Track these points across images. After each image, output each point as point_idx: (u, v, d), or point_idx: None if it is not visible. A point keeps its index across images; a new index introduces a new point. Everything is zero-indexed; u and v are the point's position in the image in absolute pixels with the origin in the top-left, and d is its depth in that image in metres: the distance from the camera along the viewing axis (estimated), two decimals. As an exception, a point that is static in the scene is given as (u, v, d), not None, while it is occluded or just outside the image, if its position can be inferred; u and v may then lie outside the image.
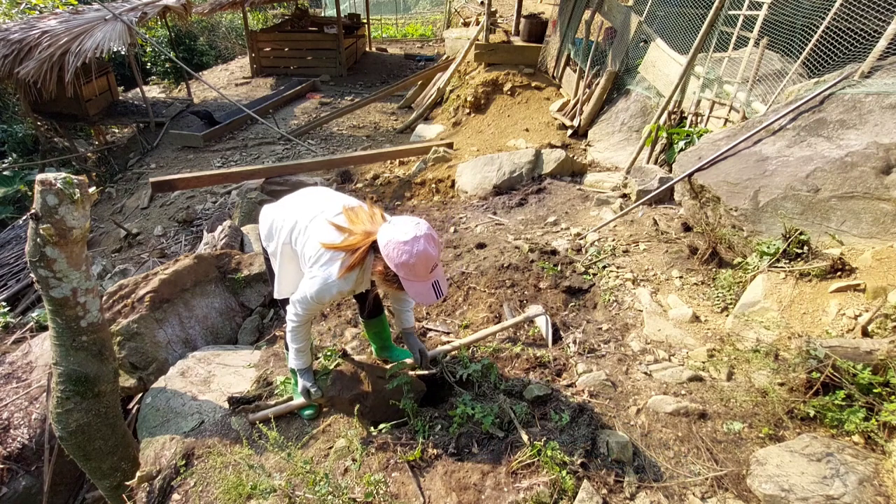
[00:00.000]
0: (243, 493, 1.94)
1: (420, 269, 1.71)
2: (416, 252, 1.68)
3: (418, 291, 1.77)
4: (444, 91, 9.06)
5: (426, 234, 1.73)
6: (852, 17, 3.39)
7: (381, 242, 1.75)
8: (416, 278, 1.74)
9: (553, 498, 1.84)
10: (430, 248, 1.71)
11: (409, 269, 1.71)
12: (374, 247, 1.81)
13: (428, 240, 1.72)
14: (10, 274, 6.18)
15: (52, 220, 2.20)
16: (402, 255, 1.69)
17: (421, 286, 1.76)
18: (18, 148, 9.73)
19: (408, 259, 1.69)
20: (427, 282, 1.76)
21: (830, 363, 2.04)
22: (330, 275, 1.86)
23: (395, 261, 1.71)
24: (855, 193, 2.87)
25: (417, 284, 1.76)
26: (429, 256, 1.70)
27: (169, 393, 2.80)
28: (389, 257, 1.72)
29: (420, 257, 1.69)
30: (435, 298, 1.78)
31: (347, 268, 1.83)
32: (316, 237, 1.93)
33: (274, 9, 18.00)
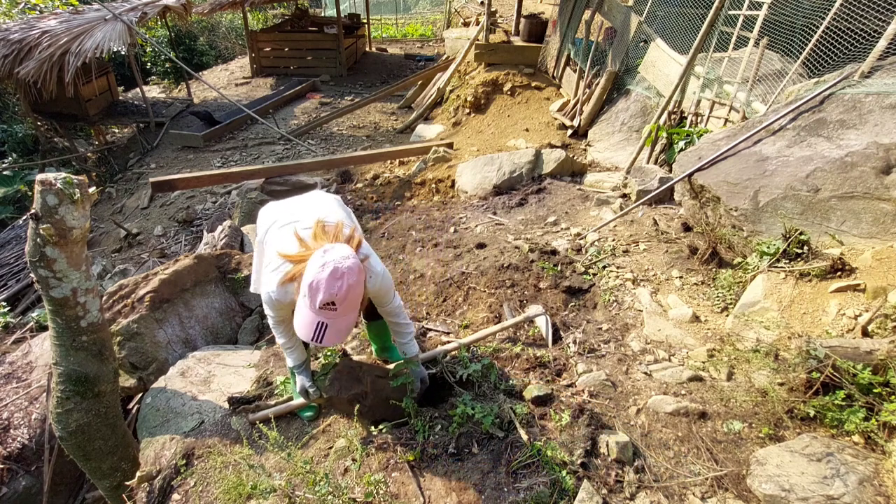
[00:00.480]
0: (243, 493, 1.94)
1: (312, 294, 1.59)
2: (316, 278, 1.58)
3: (301, 320, 1.65)
4: (444, 91, 9.06)
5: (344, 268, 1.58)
6: (852, 17, 3.39)
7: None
8: (306, 305, 1.62)
9: (553, 498, 1.84)
10: (330, 281, 1.57)
11: (307, 288, 1.60)
12: None
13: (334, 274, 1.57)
14: (10, 274, 6.18)
15: (52, 220, 2.20)
16: (311, 273, 1.59)
17: (306, 316, 1.64)
18: (18, 148, 9.73)
19: (312, 279, 1.58)
20: (314, 316, 1.62)
21: (830, 363, 2.05)
22: (270, 283, 1.88)
23: (306, 277, 1.61)
24: (855, 193, 2.87)
25: (304, 311, 1.64)
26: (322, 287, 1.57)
27: (169, 393, 2.80)
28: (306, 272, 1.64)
29: (315, 283, 1.58)
30: (308, 336, 1.63)
31: (288, 278, 1.77)
32: (276, 244, 1.93)
33: (274, 9, 18.00)
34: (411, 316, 3.27)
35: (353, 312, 1.68)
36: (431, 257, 3.85)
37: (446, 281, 3.47)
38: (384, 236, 4.67)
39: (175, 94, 12.63)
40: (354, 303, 1.65)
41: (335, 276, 1.58)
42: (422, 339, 2.97)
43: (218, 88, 11.00)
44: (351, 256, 1.64)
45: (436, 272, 3.60)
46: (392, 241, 4.49)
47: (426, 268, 3.69)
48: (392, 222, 4.97)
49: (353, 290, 1.60)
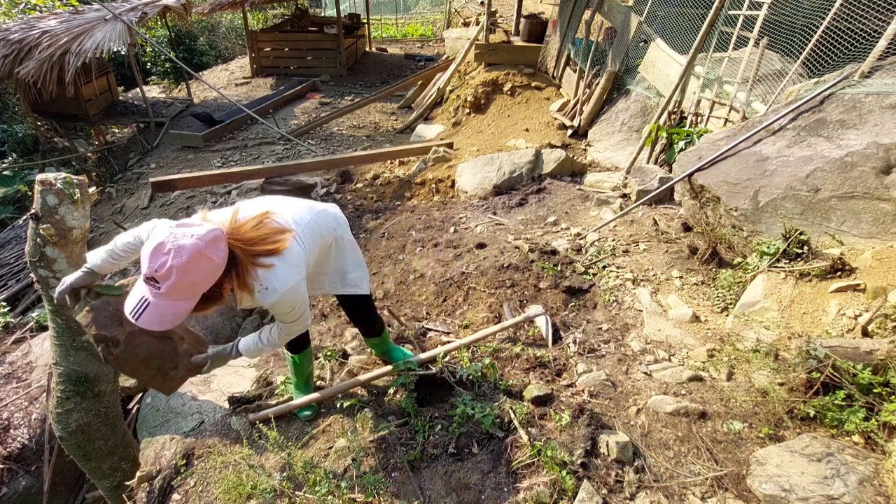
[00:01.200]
0: (243, 493, 1.94)
1: (142, 259, 1.43)
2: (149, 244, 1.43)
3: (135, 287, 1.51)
4: (444, 91, 9.06)
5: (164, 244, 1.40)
6: (852, 17, 3.39)
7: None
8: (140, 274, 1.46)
9: (553, 498, 1.84)
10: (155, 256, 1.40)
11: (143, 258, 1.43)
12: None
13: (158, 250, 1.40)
14: (10, 274, 6.18)
15: (52, 220, 2.20)
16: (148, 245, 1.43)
17: (138, 284, 1.49)
18: (18, 148, 9.72)
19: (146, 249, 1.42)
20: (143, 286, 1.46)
21: (830, 363, 2.04)
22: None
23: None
24: (855, 193, 2.87)
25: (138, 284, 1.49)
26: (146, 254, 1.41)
27: (169, 393, 2.80)
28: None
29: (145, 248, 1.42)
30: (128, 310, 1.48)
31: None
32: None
33: (274, 9, 18.00)
34: (411, 316, 3.27)
35: (185, 300, 1.49)
36: (431, 257, 3.85)
37: (446, 281, 3.47)
38: (384, 236, 4.67)
39: (175, 94, 12.62)
40: (185, 292, 1.46)
41: (159, 250, 1.40)
42: (422, 338, 2.97)
43: (218, 88, 11.00)
44: (198, 237, 1.43)
45: (436, 272, 3.60)
46: (392, 241, 4.49)
47: (426, 268, 3.69)
48: (392, 222, 4.97)
49: (178, 272, 1.40)
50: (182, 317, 1.51)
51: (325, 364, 2.75)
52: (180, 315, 1.50)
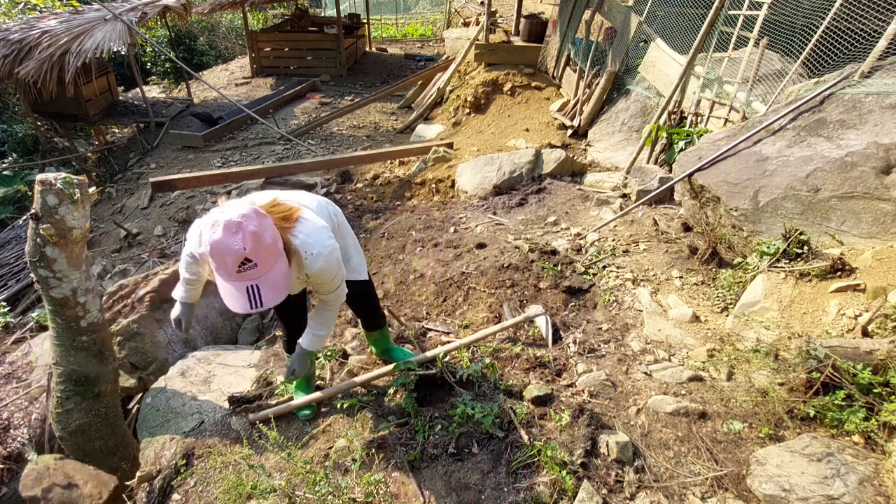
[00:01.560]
0: (243, 493, 1.94)
1: (217, 262, 1.42)
2: (212, 241, 1.40)
3: (225, 291, 1.49)
4: (444, 91, 9.06)
5: (230, 221, 1.40)
6: (852, 17, 3.39)
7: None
8: (223, 278, 1.47)
9: (553, 498, 1.84)
10: (228, 238, 1.38)
11: (213, 261, 1.44)
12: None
13: (231, 228, 1.39)
14: (10, 274, 6.18)
15: (52, 220, 2.20)
16: (207, 242, 1.43)
17: (229, 286, 1.47)
18: (18, 148, 9.72)
19: (207, 249, 1.43)
20: (236, 282, 1.46)
21: (830, 363, 2.04)
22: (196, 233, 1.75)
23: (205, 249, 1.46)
24: (855, 193, 2.87)
25: (225, 284, 1.48)
26: (223, 248, 1.39)
27: (169, 393, 2.80)
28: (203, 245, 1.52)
29: (213, 248, 1.40)
30: (245, 306, 1.47)
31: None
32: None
33: (274, 9, 18.00)
34: (411, 316, 3.27)
35: (278, 261, 1.51)
36: (431, 257, 3.85)
37: (446, 281, 3.47)
38: (384, 236, 4.67)
39: (175, 94, 12.62)
40: (273, 251, 1.48)
41: (230, 229, 1.38)
42: (422, 338, 2.97)
43: (218, 88, 11.00)
44: (241, 206, 1.47)
45: (436, 272, 3.60)
46: (392, 241, 4.49)
47: (426, 268, 3.69)
48: (392, 222, 4.97)
49: (260, 238, 1.42)
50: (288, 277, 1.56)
51: (325, 364, 2.75)
52: (285, 275, 1.54)
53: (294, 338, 2.20)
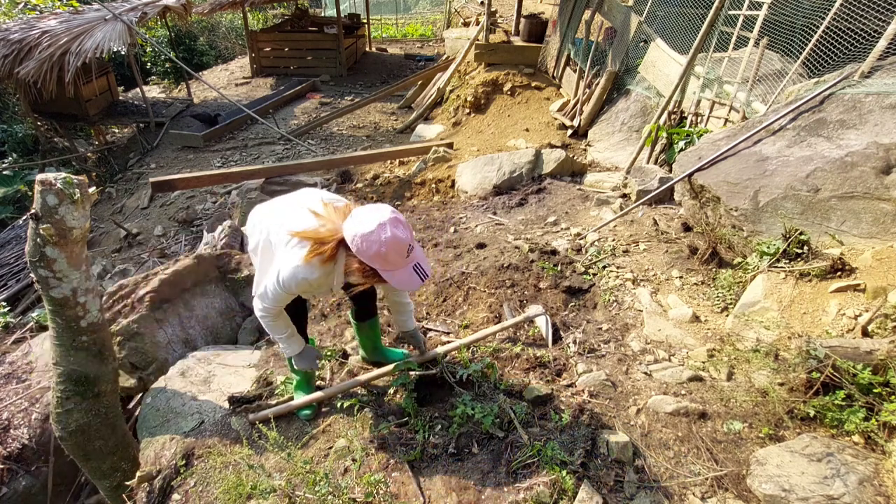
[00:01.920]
0: (243, 493, 1.94)
1: (393, 256, 1.63)
2: (385, 240, 1.60)
3: (401, 280, 1.69)
4: (444, 91, 9.06)
5: (391, 218, 1.64)
6: (852, 17, 3.39)
7: (348, 240, 1.68)
8: (393, 267, 1.66)
9: (553, 498, 1.84)
10: (398, 232, 1.62)
11: (382, 259, 1.63)
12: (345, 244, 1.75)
13: (394, 224, 1.63)
14: (10, 274, 6.18)
15: (52, 220, 2.20)
16: (372, 246, 1.61)
17: (401, 273, 1.68)
18: (18, 148, 9.72)
19: (378, 249, 1.61)
20: (406, 267, 1.69)
21: (830, 363, 2.04)
22: (294, 258, 1.79)
23: (367, 255, 1.63)
24: (855, 193, 2.87)
25: (398, 273, 1.68)
26: (399, 241, 1.62)
27: (169, 393, 2.80)
28: (361, 252, 1.65)
29: (390, 245, 1.61)
30: (420, 282, 1.71)
31: (315, 253, 1.75)
32: (287, 224, 1.89)
33: (274, 9, 18.00)
34: (411, 316, 3.27)
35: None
36: (431, 257, 3.85)
37: (446, 281, 3.47)
38: (384, 236, 4.67)
39: (175, 94, 12.62)
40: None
41: (395, 225, 1.63)
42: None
43: (218, 88, 11.00)
44: (376, 206, 1.71)
45: (436, 272, 3.60)
46: (392, 241, 4.49)
47: (426, 268, 3.69)
48: (392, 222, 4.96)
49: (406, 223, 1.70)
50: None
51: (324, 364, 2.75)
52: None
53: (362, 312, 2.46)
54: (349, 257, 1.75)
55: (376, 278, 1.73)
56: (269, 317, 2.03)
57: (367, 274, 1.72)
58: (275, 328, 2.10)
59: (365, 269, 1.71)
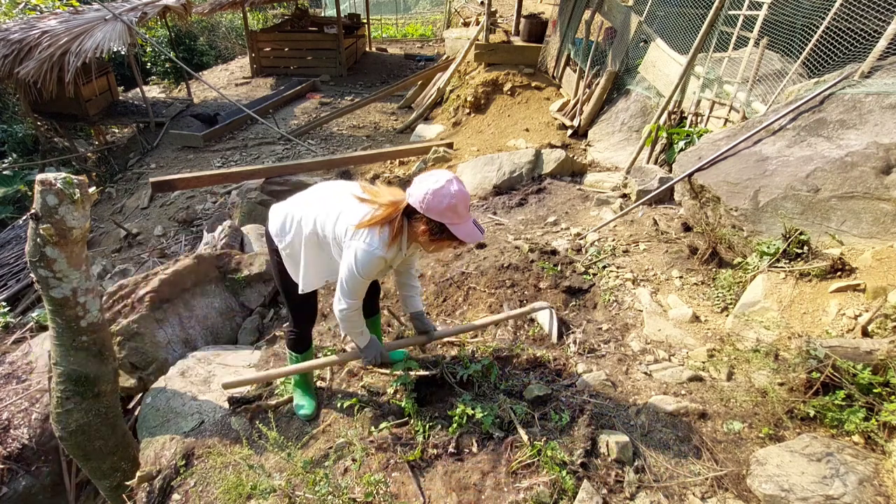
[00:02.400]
0: (243, 493, 1.94)
1: (461, 208, 1.79)
2: (455, 192, 1.77)
3: (467, 232, 1.83)
4: (444, 91, 9.06)
5: (455, 176, 1.83)
6: (852, 17, 3.39)
7: (417, 199, 1.80)
8: (460, 220, 1.81)
9: (553, 498, 1.84)
10: (462, 187, 1.81)
11: (453, 211, 1.77)
12: (405, 214, 1.88)
13: (458, 181, 1.82)
14: (10, 274, 6.18)
15: (52, 220, 2.20)
16: (444, 199, 1.75)
17: (466, 226, 1.83)
18: (18, 148, 9.72)
19: (450, 201, 1.75)
20: (470, 220, 1.85)
21: (830, 363, 2.04)
22: (372, 243, 1.87)
23: (440, 208, 1.76)
24: (855, 193, 2.87)
25: (463, 226, 1.82)
26: (465, 194, 1.81)
27: (169, 393, 2.80)
28: (432, 208, 1.77)
29: (459, 197, 1.77)
30: (480, 235, 1.86)
31: (392, 238, 1.86)
32: (345, 217, 1.94)
33: (274, 9, 18.00)
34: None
35: None
36: (431, 257, 3.85)
37: (446, 281, 3.47)
38: (384, 236, 4.67)
39: (175, 94, 12.63)
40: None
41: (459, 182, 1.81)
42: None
43: (218, 88, 11.00)
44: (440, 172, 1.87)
45: (436, 272, 3.60)
46: (392, 241, 4.49)
47: (426, 268, 3.69)
48: (392, 222, 4.96)
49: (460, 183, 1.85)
50: None
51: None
52: None
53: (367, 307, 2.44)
54: (414, 223, 1.88)
55: (442, 236, 1.85)
56: (354, 312, 2.08)
57: (433, 234, 1.85)
58: (357, 322, 2.14)
59: (431, 229, 1.84)
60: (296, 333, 2.41)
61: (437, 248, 1.95)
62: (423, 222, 1.84)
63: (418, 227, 1.87)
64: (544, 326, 2.91)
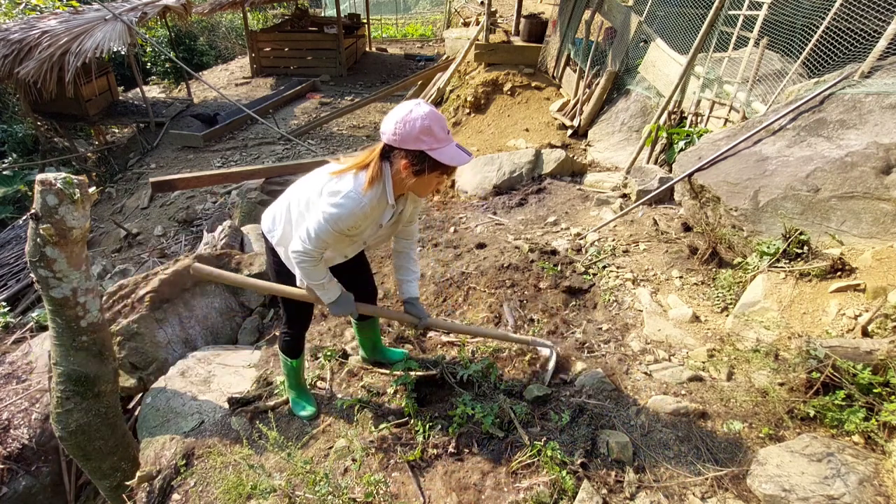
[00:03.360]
0: (243, 493, 1.94)
1: (438, 128, 1.70)
2: (427, 113, 1.68)
3: (451, 155, 1.73)
4: (444, 91, 9.06)
5: (420, 100, 1.74)
6: (852, 17, 3.39)
7: (389, 134, 1.71)
8: (440, 143, 1.71)
9: (553, 498, 1.84)
10: (433, 109, 1.72)
11: (430, 133, 1.68)
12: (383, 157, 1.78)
13: (427, 104, 1.73)
14: (10, 274, 6.18)
15: (52, 220, 2.20)
16: (416, 122, 1.67)
17: (449, 149, 1.74)
18: (18, 148, 9.73)
19: (423, 122, 1.67)
20: (451, 143, 1.75)
21: (830, 363, 2.04)
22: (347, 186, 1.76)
23: (414, 132, 1.67)
24: (855, 193, 2.87)
25: (446, 149, 1.73)
26: (437, 115, 1.72)
27: (169, 393, 2.80)
28: (407, 137, 1.68)
29: (432, 117, 1.69)
30: (467, 156, 1.75)
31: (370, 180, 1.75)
32: (320, 175, 1.87)
33: (274, 9, 18.01)
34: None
35: None
36: (431, 257, 3.85)
37: (446, 281, 3.47)
38: (384, 236, 4.67)
39: (175, 94, 12.63)
40: None
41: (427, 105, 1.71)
42: (422, 338, 2.97)
43: (218, 88, 11.00)
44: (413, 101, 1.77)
45: (436, 272, 3.60)
46: (392, 241, 4.49)
47: (426, 268, 3.69)
48: (392, 222, 4.96)
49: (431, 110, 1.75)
50: None
51: (324, 364, 2.76)
52: None
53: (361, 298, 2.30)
54: (394, 162, 1.77)
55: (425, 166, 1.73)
56: (311, 261, 1.91)
57: (415, 166, 1.73)
58: (314, 273, 1.98)
59: (412, 161, 1.72)
60: (290, 335, 2.33)
61: (426, 185, 1.83)
62: (402, 156, 1.73)
63: (399, 165, 1.75)
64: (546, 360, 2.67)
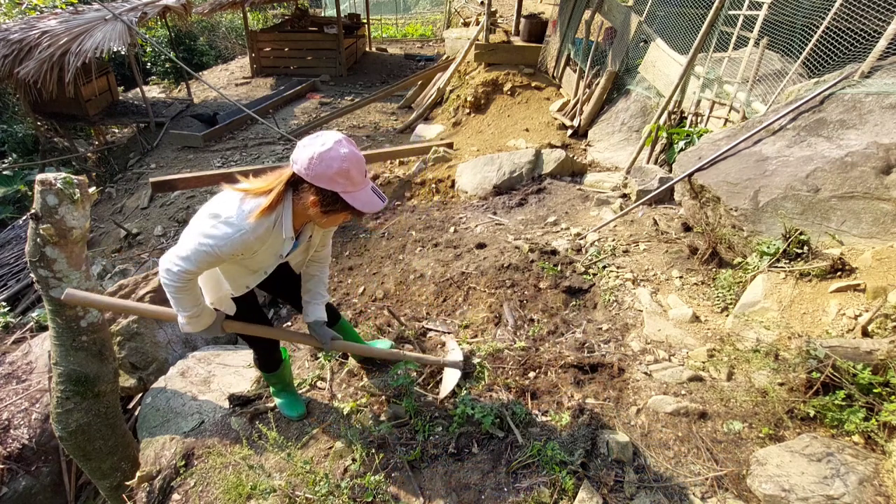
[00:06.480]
0: (243, 493, 1.94)
1: (355, 172, 1.57)
2: (346, 155, 1.55)
3: (364, 201, 1.62)
4: (444, 91, 9.05)
5: (345, 137, 1.61)
6: (852, 17, 3.39)
7: (302, 165, 1.56)
8: (356, 186, 1.60)
9: (553, 498, 1.84)
10: (354, 149, 1.59)
11: (346, 176, 1.56)
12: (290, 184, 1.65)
13: (349, 142, 1.60)
14: (10, 274, 6.18)
15: (52, 220, 2.20)
16: (333, 163, 1.53)
17: (363, 194, 1.62)
18: (18, 148, 9.72)
19: (341, 165, 1.54)
20: (367, 187, 1.64)
21: (830, 363, 2.04)
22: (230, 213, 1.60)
23: (329, 173, 1.54)
24: (855, 193, 2.87)
25: (360, 193, 1.61)
26: (358, 157, 1.59)
27: (169, 393, 2.80)
28: (321, 175, 1.55)
29: (351, 160, 1.56)
30: (381, 202, 1.65)
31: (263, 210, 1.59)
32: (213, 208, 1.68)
33: (274, 9, 18.00)
34: (411, 316, 3.27)
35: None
36: (431, 257, 3.85)
37: (446, 281, 3.47)
38: (384, 236, 4.67)
39: (175, 94, 12.62)
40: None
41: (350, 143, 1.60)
42: (422, 339, 2.97)
43: (218, 88, 11.00)
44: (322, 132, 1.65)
45: (436, 272, 3.60)
46: (392, 241, 4.49)
47: (426, 268, 3.69)
48: (392, 222, 4.97)
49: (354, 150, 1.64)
50: None
51: (324, 364, 2.76)
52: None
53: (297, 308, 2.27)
54: (302, 194, 1.63)
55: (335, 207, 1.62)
56: (182, 283, 1.69)
57: (325, 206, 1.61)
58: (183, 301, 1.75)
59: (322, 200, 1.60)
60: (258, 355, 2.29)
61: (332, 221, 1.73)
62: (313, 192, 1.60)
63: (307, 199, 1.62)
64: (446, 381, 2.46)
